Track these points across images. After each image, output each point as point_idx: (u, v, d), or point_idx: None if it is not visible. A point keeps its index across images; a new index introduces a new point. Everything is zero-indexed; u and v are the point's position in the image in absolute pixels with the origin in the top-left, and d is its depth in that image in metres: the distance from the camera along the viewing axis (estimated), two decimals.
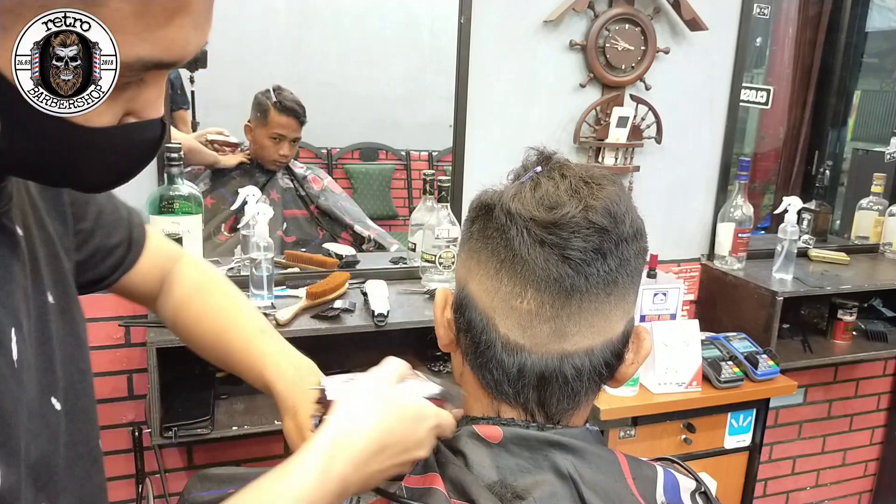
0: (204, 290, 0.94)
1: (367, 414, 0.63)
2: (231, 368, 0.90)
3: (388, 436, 0.62)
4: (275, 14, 2.41)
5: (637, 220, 0.65)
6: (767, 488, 2.69)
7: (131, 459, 1.77)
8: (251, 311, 0.93)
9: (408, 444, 0.63)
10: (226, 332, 0.89)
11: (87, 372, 0.73)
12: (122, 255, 0.87)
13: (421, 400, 0.66)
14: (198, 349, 0.93)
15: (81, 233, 0.79)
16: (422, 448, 0.65)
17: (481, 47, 1.90)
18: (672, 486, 0.67)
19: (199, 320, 0.92)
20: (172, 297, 0.94)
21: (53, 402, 0.66)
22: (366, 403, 0.63)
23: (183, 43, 0.53)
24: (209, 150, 2.13)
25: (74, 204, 0.76)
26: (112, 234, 0.85)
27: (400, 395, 0.66)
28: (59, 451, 0.66)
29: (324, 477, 0.59)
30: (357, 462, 0.60)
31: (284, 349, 0.88)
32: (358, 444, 0.61)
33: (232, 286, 0.97)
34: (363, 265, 1.96)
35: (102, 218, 0.83)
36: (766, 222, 2.80)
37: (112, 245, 0.85)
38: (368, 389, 0.65)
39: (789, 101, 2.92)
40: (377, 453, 0.61)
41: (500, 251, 0.64)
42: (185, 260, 0.97)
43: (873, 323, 2.37)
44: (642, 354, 0.68)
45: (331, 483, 0.59)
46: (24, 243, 0.64)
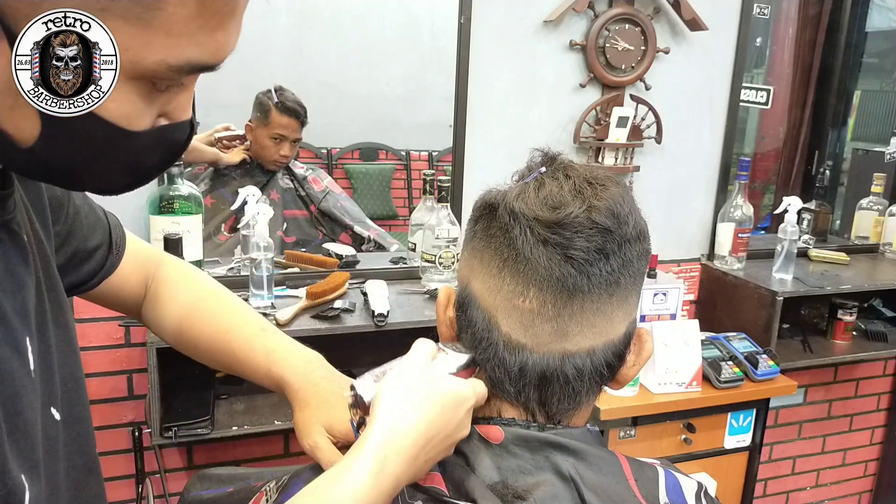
0: (194, 295, 0.91)
1: (412, 409, 0.61)
2: (234, 370, 0.87)
3: (433, 427, 0.61)
4: (275, 14, 2.41)
5: (640, 221, 0.65)
6: (767, 488, 2.69)
7: (131, 459, 1.77)
8: (248, 311, 0.91)
9: (450, 430, 0.63)
10: (226, 333, 0.87)
11: (80, 379, 0.71)
12: (103, 258, 0.84)
13: (457, 383, 0.64)
14: (196, 354, 0.90)
15: (58, 235, 0.76)
16: (463, 430, 0.64)
17: (481, 47, 1.90)
18: (674, 487, 0.67)
19: (194, 325, 0.89)
20: (161, 305, 0.90)
21: (53, 412, 0.65)
22: (407, 399, 0.62)
23: (227, 46, 0.53)
24: (210, 148, 2.12)
25: (51, 204, 0.73)
26: (90, 237, 0.81)
27: (437, 383, 0.64)
28: (59, 462, 0.65)
29: (379, 478, 0.58)
30: (408, 459, 0.60)
31: (289, 344, 0.86)
32: (407, 441, 0.60)
33: (221, 287, 0.94)
34: (363, 265, 1.96)
35: (79, 220, 0.80)
36: (766, 222, 2.80)
37: (91, 248, 0.82)
38: (407, 385, 0.63)
39: (789, 101, 2.92)
40: (424, 446, 0.61)
41: (503, 250, 0.64)
42: (168, 263, 0.94)
43: (873, 323, 2.37)
44: (644, 357, 0.68)
45: (385, 483, 0.59)
46: (29, 249, 0.63)
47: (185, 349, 0.91)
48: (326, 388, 0.79)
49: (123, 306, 0.92)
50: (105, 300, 0.89)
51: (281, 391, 0.82)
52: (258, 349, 0.84)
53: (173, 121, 0.57)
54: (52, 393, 0.65)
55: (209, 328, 0.88)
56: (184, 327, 0.90)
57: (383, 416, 0.61)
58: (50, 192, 0.73)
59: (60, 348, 0.67)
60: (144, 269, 0.91)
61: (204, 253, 1.72)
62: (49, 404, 0.64)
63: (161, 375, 1.48)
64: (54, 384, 0.66)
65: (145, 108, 0.53)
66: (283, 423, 1.62)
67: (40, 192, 0.71)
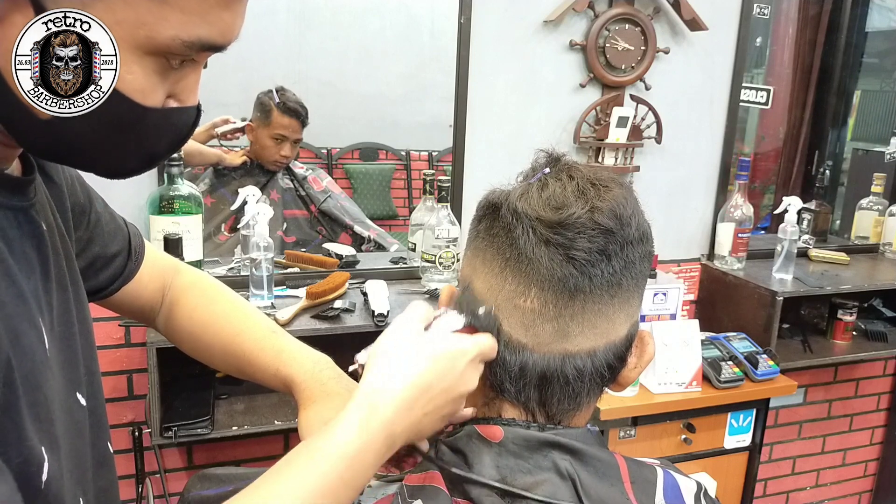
0: (208, 299, 0.93)
1: (400, 361, 0.62)
2: (245, 373, 0.88)
3: (424, 378, 0.61)
4: (275, 14, 2.41)
5: (643, 223, 0.65)
6: (767, 488, 2.69)
7: (131, 459, 1.77)
8: (259, 315, 0.92)
9: (449, 382, 0.62)
10: (237, 335, 0.88)
11: (97, 373, 0.73)
12: (122, 264, 0.86)
13: (452, 337, 0.64)
14: (212, 360, 0.91)
15: (80, 241, 0.78)
16: (467, 383, 0.63)
17: (481, 47, 1.90)
18: (673, 488, 0.67)
19: (206, 328, 0.90)
20: (177, 313, 0.92)
21: (79, 397, 0.66)
22: (396, 352, 0.63)
23: (234, 28, 0.56)
24: (213, 150, 2.12)
25: (73, 210, 0.76)
26: (111, 244, 0.84)
27: (428, 337, 0.64)
28: (87, 447, 0.67)
29: (367, 427, 0.58)
30: (399, 408, 0.59)
31: (299, 346, 0.87)
32: (396, 390, 0.60)
33: (234, 294, 0.96)
34: (363, 265, 1.97)
35: (101, 226, 0.82)
36: (766, 222, 2.80)
37: (111, 254, 0.84)
38: (396, 341, 0.64)
39: (789, 101, 2.92)
40: (418, 397, 0.60)
41: (506, 249, 0.64)
42: (184, 272, 0.96)
43: (873, 323, 2.37)
44: (645, 359, 0.69)
45: (375, 432, 0.58)
46: (48, 237, 0.64)
47: (202, 356, 0.92)
48: (334, 388, 0.80)
49: (141, 314, 0.93)
50: (122, 308, 0.91)
51: (288, 390, 0.83)
52: (268, 350, 0.85)
53: (182, 103, 0.59)
54: (77, 379, 0.66)
55: (222, 332, 0.89)
56: (198, 333, 0.91)
57: (372, 371, 0.62)
58: (73, 198, 0.76)
59: (82, 339, 0.69)
60: (162, 278, 0.93)
61: (204, 253, 1.72)
62: (74, 389, 0.65)
63: (161, 375, 1.48)
64: (79, 372, 0.67)
65: (158, 84, 0.55)
66: (283, 423, 1.62)
67: (63, 196, 0.73)
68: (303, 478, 0.56)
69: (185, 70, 0.57)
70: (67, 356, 0.65)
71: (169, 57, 0.54)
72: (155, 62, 0.54)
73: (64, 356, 0.64)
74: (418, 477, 0.65)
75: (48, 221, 0.66)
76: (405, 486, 0.64)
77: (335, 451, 0.57)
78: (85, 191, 0.80)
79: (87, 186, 0.81)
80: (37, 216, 0.63)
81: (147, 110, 0.55)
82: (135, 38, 0.52)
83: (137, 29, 0.51)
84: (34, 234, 0.62)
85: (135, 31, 0.51)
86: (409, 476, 0.65)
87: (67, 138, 0.54)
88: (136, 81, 0.53)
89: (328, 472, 0.56)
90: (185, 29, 0.52)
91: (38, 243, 0.62)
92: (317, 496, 0.55)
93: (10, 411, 0.53)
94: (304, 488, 0.56)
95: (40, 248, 0.62)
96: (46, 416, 0.58)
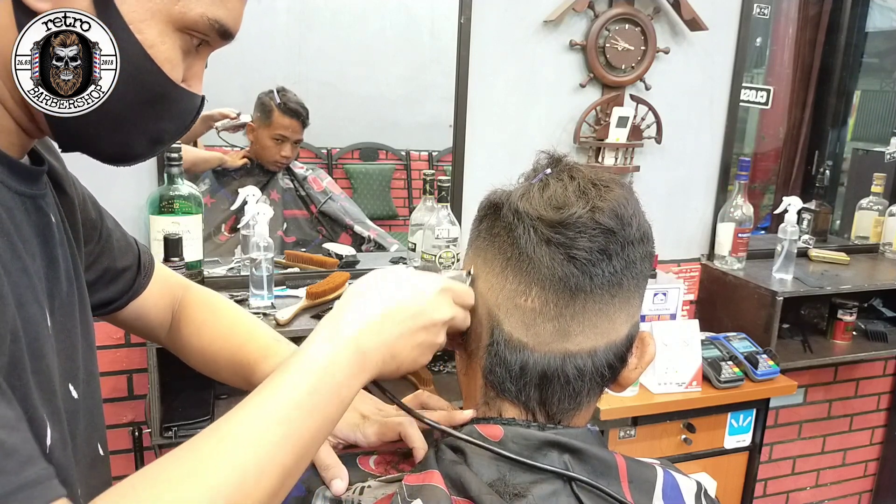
0: (215, 315, 0.94)
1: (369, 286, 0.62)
2: (250, 382, 0.87)
3: (393, 296, 0.61)
4: (275, 14, 2.41)
5: (644, 224, 0.65)
6: (767, 488, 2.69)
7: (131, 459, 1.77)
8: (264, 327, 0.93)
9: (419, 306, 0.61)
10: (241, 346, 0.88)
11: (95, 374, 0.73)
12: (132, 278, 0.87)
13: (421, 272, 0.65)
14: (219, 375, 0.91)
15: (90, 254, 0.79)
16: (439, 309, 0.63)
17: (481, 47, 1.90)
18: (672, 487, 0.67)
19: (212, 342, 0.91)
20: (185, 329, 0.92)
21: (71, 389, 0.66)
22: (366, 281, 0.63)
23: (240, 19, 0.61)
24: (214, 154, 2.13)
25: (85, 224, 0.76)
26: (120, 259, 0.85)
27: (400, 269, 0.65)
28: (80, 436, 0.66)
29: (333, 340, 0.58)
30: (367, 322, 0.59)
31: None
32: (361, 305, 0.60)
33: (241, 309, 0.97)
34: (363, 265, 1.96)
35: (111, 241, 0.83)
36: (766, 222, 2.80)
37: (121, 268, 0.85)
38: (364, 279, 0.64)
39: (789, 101, 2.91)
40: (386, 315, 0.60)
41: (507, 249, 0.64)
42: (193, 289, 0.97)
43: (873, 323, 2.37)
44: (646, 360, 0.69)
45: (343, 348, 0.57)
46: (55, 229, 0.65)
47: (210, 370, 0.92)
48: None
49: (150, 330, 0.94)
50: (132, 324, 0.92)
51: None
52: (271, 357, 0.85)
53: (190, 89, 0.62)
54: (72, 371, 0.67)
55: (227, 344, 0.90)
56: (204, 347, 0.92)
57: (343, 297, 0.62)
58: (84, 213, 0.77)
59: (82, 341, 0.69)
60: (171, 295, 0.94)
61: (204, 253, 1.72)
62: (67, 380, 0.65)
63: (161, 375, 1.48)
64: (75, 364, 0.67)
65: (181, 61, 0.60)
66: None
67: (74, 208, 0.74)
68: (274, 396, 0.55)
69: (197, 57, 0.62)
70: (65, 346, 0.65)
71: (193, 35, 0.59)
72: (181, 39, 0.58)
73: (62, 345, 0.64)
74: (418, 476, 0.65)
75: (56, 217, 0.67)
76: (405, 485, 0.64)
77: (303, 366, 0.56)
78: (96, 208, 0.82)
79: (98, 205, 0.83)
80: (46, 207, 0.64)
81: (170, 83, 0.58)
82: (170, 12, 0.56)
83: (174, 3, 0.56)
84: (41, 223, 0.62)
85: (171, 5, 0.56)
86: (408, 476, 0.65)
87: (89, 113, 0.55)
88: (168, 52, 0.57)
89: (298, 383, 0.55)
90: (210, 9, 0.58)
91: (45, 231, 0.63)
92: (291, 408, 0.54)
93: (17, 368, 0.53)
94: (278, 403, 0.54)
95: (47, 237, 0.63)
96: (48, 386, 0.58)
